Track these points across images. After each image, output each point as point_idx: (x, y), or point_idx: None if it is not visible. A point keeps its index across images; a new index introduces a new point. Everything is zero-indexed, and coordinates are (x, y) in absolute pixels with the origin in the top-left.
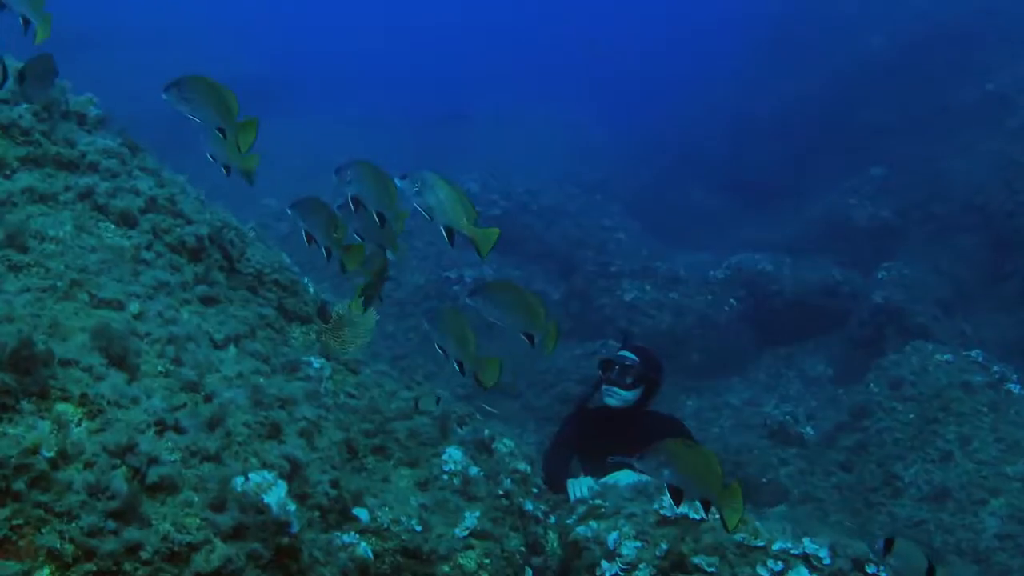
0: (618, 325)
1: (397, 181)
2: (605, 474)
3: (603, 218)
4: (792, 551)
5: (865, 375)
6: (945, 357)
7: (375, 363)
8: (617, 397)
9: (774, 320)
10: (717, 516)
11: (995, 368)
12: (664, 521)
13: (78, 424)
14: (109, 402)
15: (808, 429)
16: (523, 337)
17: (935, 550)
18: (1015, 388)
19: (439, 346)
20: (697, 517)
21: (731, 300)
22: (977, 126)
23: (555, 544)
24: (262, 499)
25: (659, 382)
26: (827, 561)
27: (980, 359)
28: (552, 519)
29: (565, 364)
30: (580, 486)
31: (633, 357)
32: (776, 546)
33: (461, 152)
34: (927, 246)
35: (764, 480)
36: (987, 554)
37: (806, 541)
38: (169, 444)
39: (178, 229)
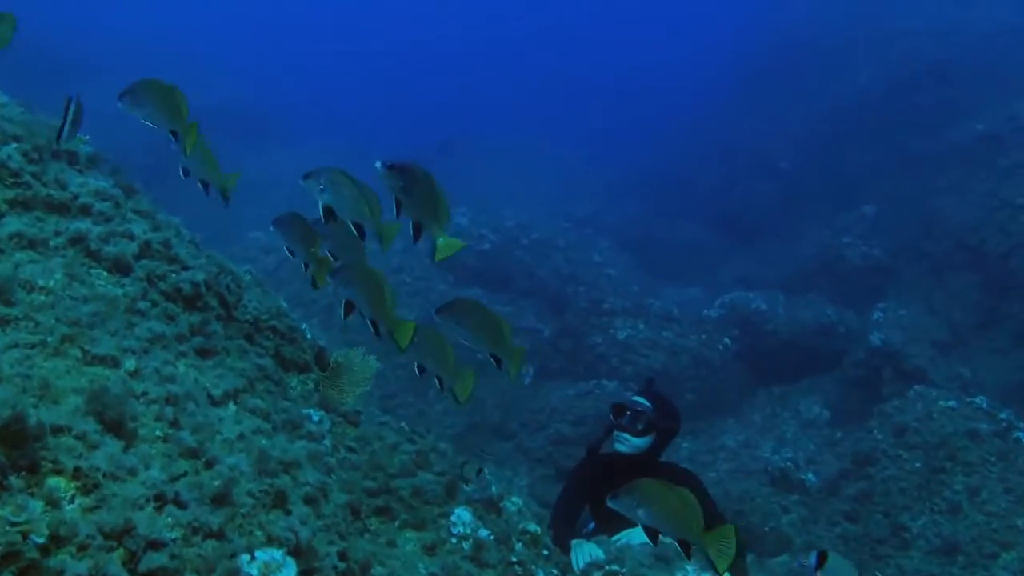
0: (612, 363)
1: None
2: (615, 527)
3: (593, 253)
4: None
5: (864, 419)
6: (950, 404)
7: (371, 408)
8: (628, 444)
9: (768, 360)
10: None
11: (1001, 415)
12: None
13: (71, 501)
14: (105, 475)
15: (810, 475)
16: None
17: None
18: (1023, 436)
19: (417, 365)
20: None
21: (725, 339)
22: (968, 166)
23: None
24: None
25: (675, 431)
26: None
27: (985, 406)
28: None
29: (558, 404)
30: (582, 553)
31: (646, 403)
32: None
33: (449, 183)
34: (920, 286)
35: (767, 529)
36: None
37: None
38: (169, 520)
39: (173, 275)
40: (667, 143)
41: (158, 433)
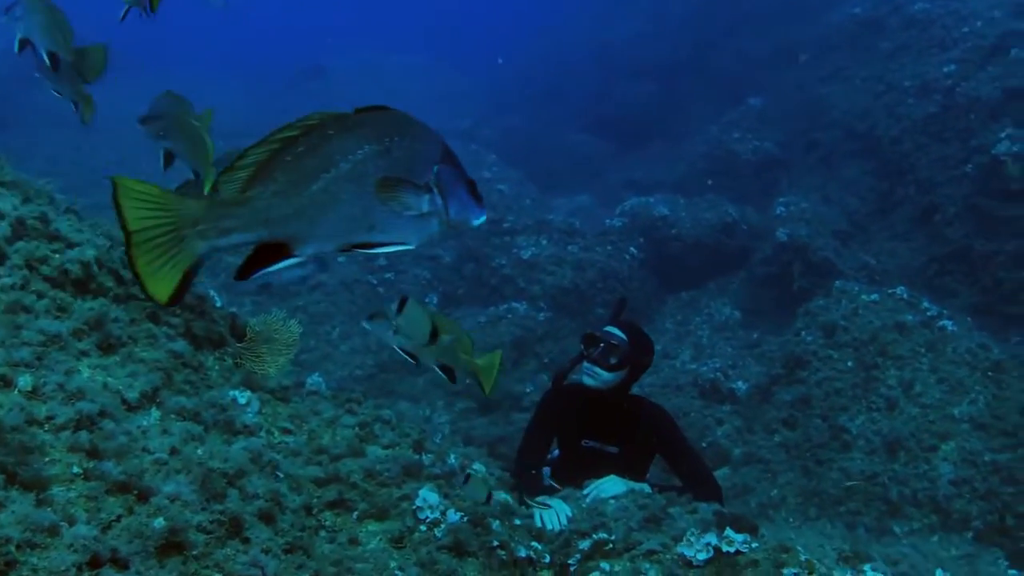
0: (519, 284)
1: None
2: (584, 462)
3: (483, 169)
4: None
5: (776, 316)
6: (872, 297)
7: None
8: (597, 378)
9: (675, 265)
10: (756, 545)
11: (924, 304)
12: (689, 564)
13: None
14: (19, 545)
15: (739, 383)
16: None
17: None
18: (948, 325)
19: (396, 347)
20: (731, 550)
21: (631, 249)
22: (849, 51)
23: None
24: None
25: (647, 366)
26: None
27: (906, 296)
28: (547, 557)
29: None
30: (550, 515)
31: (622, 335)
32: None
33: (325, 106)
34: (813, 177)
35: (704, 444)
36: (945, 502)
37: (867, 569)
38: None
39: (58, 257)
40: (539, 48)
41: (76, 470)
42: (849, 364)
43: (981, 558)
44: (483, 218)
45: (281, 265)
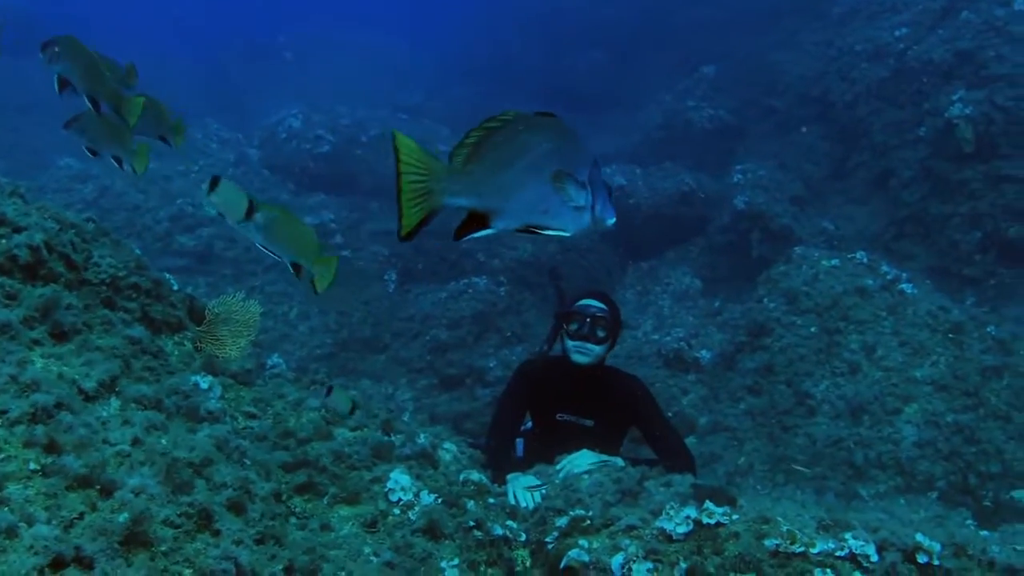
0: (478, 259)
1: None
2: (559, 435)
3: (437, 143)
4: (837, 553)
5: (735, 283)
6: (833, 263)
7: (255, 361)
8: (589, 354)
9: (634, 235)
10: (736, 516)
11: (884, 268)
12: (669, 538)
13: None
14: None
15: (703, 352)
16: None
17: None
18: (908, 288)
19: (265, 248)
20: (711, 522)
21: None
22: (800, 16)
23: (528, 563)
24: None
25: (620, 331)
26: (875, 559)
27: (866, 260)
28: (523, 536)
29: (430, 309)
30: (522, 492)
31: (601, 305)
32: (817, 549)
33: (274, 86)
34: (769, 143)
35: (671, 414)
36: (909, 464)
37: (849, 538)
38: None
39: (4, 241)
40: (487, 18)
41: (33, 466)
42: (812, 330)
43: (950, 519)
44: (614, 220)
45: (481, 233)
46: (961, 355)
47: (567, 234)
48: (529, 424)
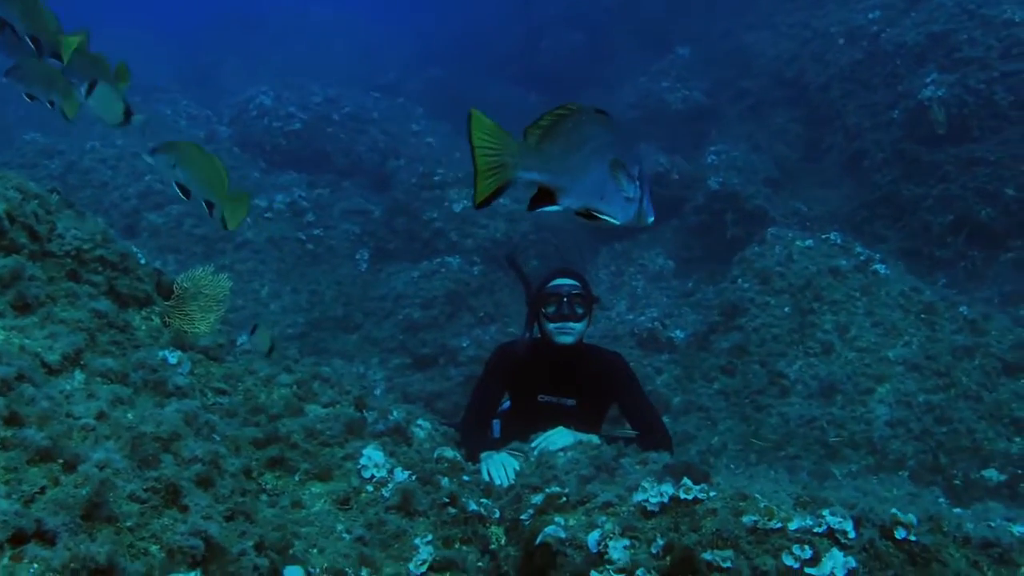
0: (451, 238)
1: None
2: (541, 415)
3: (411, 123)
4: (815, 529)
5: (710, 266)
6: (807, 243)
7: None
8: (573, 333)
9: None
10: (713, 493)
11: (857, 249)
12: (648, 513)
13: None
14: None
15: (677, 332)
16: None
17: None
18: (881, 269)
19: (178, 184)
20: (688, 497)
21: None
22: None
23: (503, 540)
24: None
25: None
26: (853, 535)
27: (840, 241)
28: (497, 513)
29: (403, 288)
30: (495, 467)
31: (574, 282)
32: (794, 525)
33: (245, 60)
34: (743, 125)
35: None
36: (881, 443)
37: (826, 514)
38: (37, 568)
39: None
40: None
41: None
42: (786, 310)
43: (922, 497)
44: (653, 219)
45: (550, 208)
46: (933, 336)
47: (617, 222)
48: (507, 405)
